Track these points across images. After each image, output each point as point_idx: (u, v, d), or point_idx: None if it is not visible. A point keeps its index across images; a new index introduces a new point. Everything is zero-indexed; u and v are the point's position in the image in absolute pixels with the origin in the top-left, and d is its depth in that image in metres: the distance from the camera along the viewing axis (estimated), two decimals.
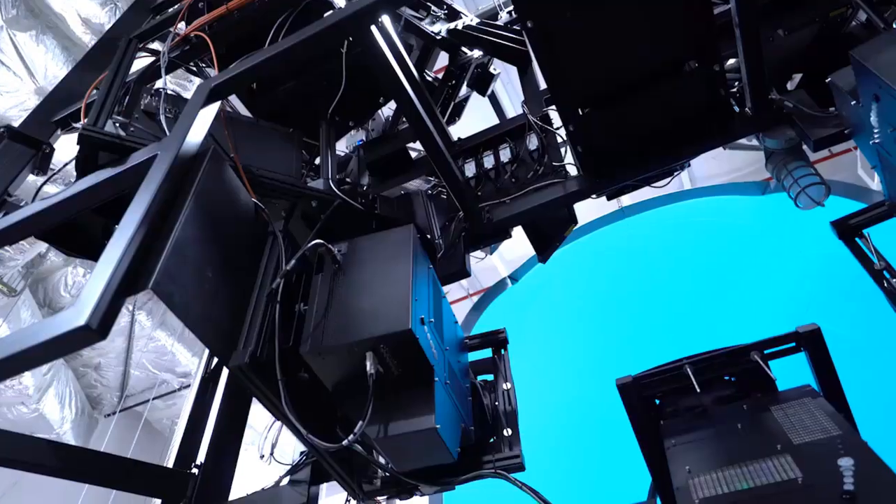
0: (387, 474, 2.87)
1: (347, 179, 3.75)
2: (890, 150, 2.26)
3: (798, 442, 2.02)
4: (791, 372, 2.45)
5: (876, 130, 2.26)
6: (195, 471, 2.95)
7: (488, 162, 3.67)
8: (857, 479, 1.68)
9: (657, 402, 2.69)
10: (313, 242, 2.74)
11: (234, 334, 2.44)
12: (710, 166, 9.45)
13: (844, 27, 3.03)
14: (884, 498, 1.61)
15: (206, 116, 2.56)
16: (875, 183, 6.23)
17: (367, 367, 2.35)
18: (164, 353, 11.22)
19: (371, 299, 2.54)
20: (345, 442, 2.33)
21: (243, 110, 4.01)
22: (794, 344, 2.45)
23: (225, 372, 3.46)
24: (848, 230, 2.74)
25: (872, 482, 1.67)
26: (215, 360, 3.66)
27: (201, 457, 3.00)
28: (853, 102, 2.39)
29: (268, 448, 2.89)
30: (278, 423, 2.91)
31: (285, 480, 2.92)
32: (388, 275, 2.62)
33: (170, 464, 3.20)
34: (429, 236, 3.40)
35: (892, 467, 1.70)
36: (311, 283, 2.76)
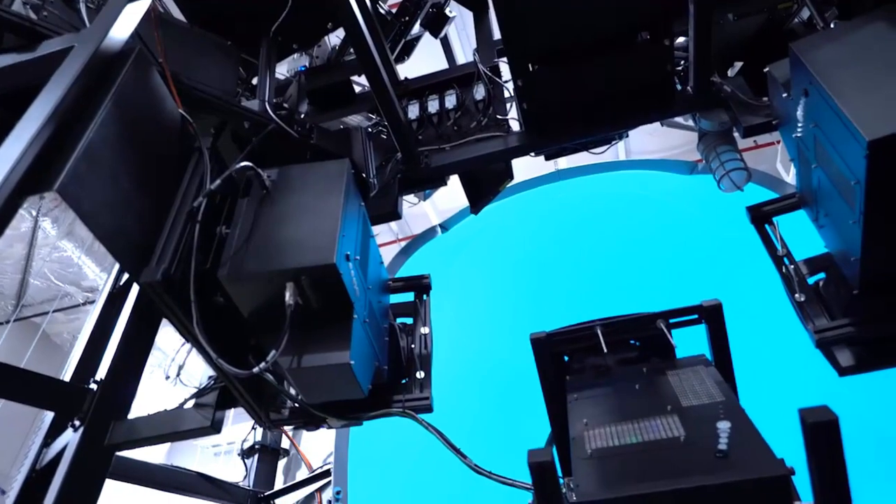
0: (296, 405, 2.88)
1: (285, 105, 3.59)
2: (808, 144, 2.40)
3: (686, 404, 2.18)
4: (694, 341, 2.63)
5: (800, 124, 2.39)
6: (93, 386, 2.84)
7: (432, 106, 3.61)
8: (731, 441, 1.84)
9: (566, 358, 2.81)
10: (242, 164, 2.62)
11: (148, 250, 2.33)
12: (646, 142, 9.76)
13: (788, 22, 3.14)
14: (750, 457, 1.77)
15: (133, 12, 2.35)
16: (790, 176, 6.63)
17: (286, 298, 2.31)
18: (69, 264, 10.59)
19: (297, 230, 2.48)
20: (255, 369, 2.31)
21: (178, 14, 3.71)
22: (696, 316, 2.61)
23: (135, 289, 3.31)
24: (760, 216, 2.90)
25: (743, 443, 1.83)
26: (125, 275, 3.49)
27: (102, 373, 2.89)
28: (784, 95, 2.50)
29: (174, 370, 2.82)
30: (187, 346, 2.84)
31: (190, 403, 2.87)
32: (317, 207, 2.56)
33: (67, 378, 3.07)
34: (364, 175, 3.33)
35: (762, 431, 1.88)
36: (235, 207, 2.66)
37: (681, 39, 3.16)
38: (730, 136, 3.34)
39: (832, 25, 2.71)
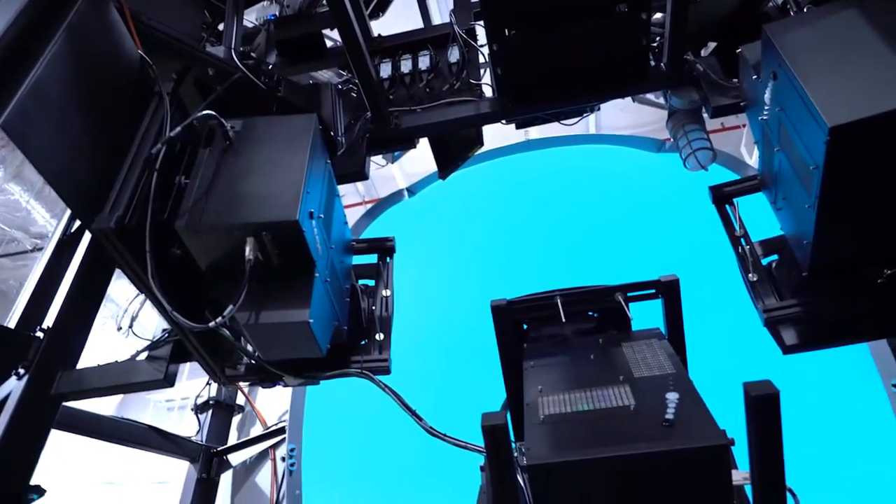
0: (252, 362, 2.85)
1: (252, 54, 3.45)
2: (773, 128, 2.44)
3: (638, 375, 2.24)
4: (650, 314, 2.69)
5: (766, 107, 2.42)
6: (40, 335, 2.75)
7: (405, 66, 3.53)
8: (677, 411, 1.91)
9: (525, 326, 2.85)
10: (205, 113, 2.52)
11: (101, 196, 2.24)
12: (617, 118, 9.81)
13: (764, 5, 3.15)
14: (694, 427, 1.84)
15: None
16: (752, 159, 6.77)
17: (246, 253, 2.27)
18: (16, 208, 10.16)
19: (260, 184, 2.41)
20: (212, 324, 2.27)
21: None
22: (654, 291, 2.67)
23: (87, 237, 3.20)
24: (721, 196, 2.96)
25: (689, 414, 1.90)
26: (77, 222, 3.36)
27: (49, 322, 2.80)
28: (754, 76, 2.53)
29: (127, 321, 2.75)
30: (141, 297, 2.77)
31: (143, 355, 2.81)
32: (282, 161, 2.50)
33: (11, 325, 2.96)
34: (332, 132, 3.26)
35: (709, 403, 1.95)
36: (195, 157, 2.57)
37: (658, 15, 3.15)
38: (699, 116, 3.37)
39: (805, 10, 2.73)
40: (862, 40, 2.04)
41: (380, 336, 3.02)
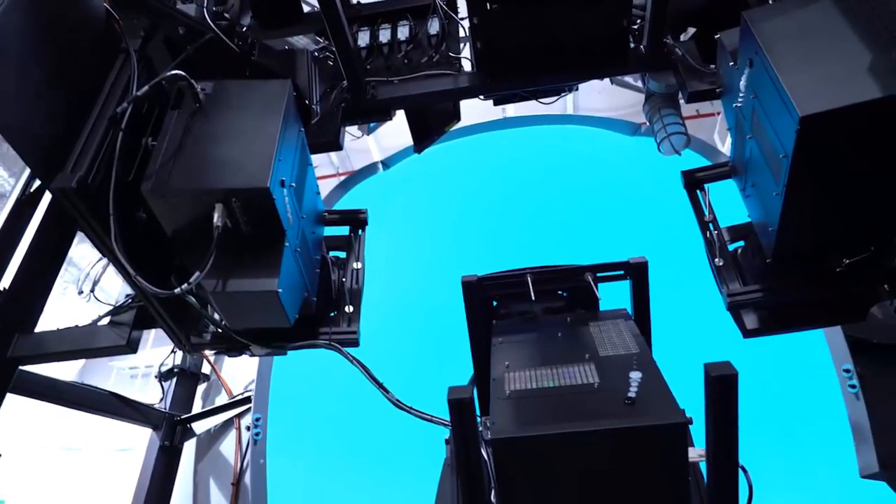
0: (218, 330, 2.82)
1: (226, 14, 3.33)
2: (747, 115, 2.47)
3: (603, 354, 2.29)
4: (618, 295, 2.73)
5: (741, 94, 2.45)
6: None
7: (384, 36, 3.45)
8: (640, 389, 1.95)
9: (494, 303, 2.87)
10: (174, 73, 2.44)
11: (62, 155, 2.16)
12: (595, 99, 9.81)
13: None
14: (655, 405, 1.90)
15: None
16: (725, 147, 6.86)
17: (215, 219, 2.22)
18: None
19: (231, 149, 2.35)
20: (177, 290, 2.23)
21: None
22: (622, 272, 2.71)
23: (48, 197, 3.09)
24: (692, 181, 3.00)
25: (650, 393, 1.95)
26: (37, 181, 3.24)
27: (6, 283, 2.71)
28: (731, 63, 2.55)
29: (88, 284, 2.68)
30: (104, 261, 2.70)
31: (105, 320, 2.75)
32: (254, 127, 2.43)
33: None
34: (306, 101, 3.18)
35: (670, 383, 2.00)
36: (163, 119, 2.48)
37: None
38: (675, 101, 3.39)
39: None
40: (838, 31, 2.07)
41: (349, 308, 3.01)
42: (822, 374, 3.73)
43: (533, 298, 2.71)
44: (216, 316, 2.67)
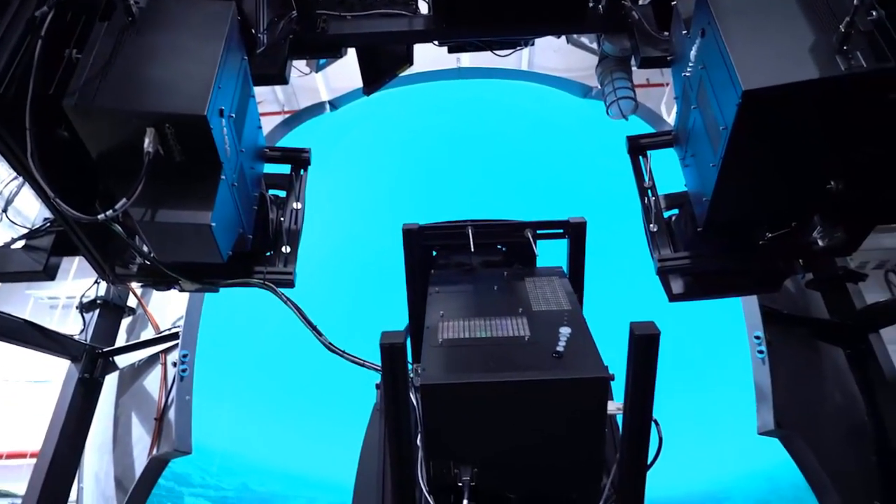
0: (146, 262, 2.70)
1: None
2: (693, 85, 2.51)
3: (536, 309, 2.35)
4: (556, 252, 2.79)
5: (691, 64, 2.48)
6: None
7: None
8: (568, 344, 2.03)
9: (434, 252, 2.88)
10: None
11: None
12: (550, 58, 9.79)
13: None
14: (580, 360, 1.98)
15: None
16: (670, 118, 7.01)
17: (145, 144, 2.09)
18: None
19: (166, 70, 2.20)
20: (101, 216, 2.10)
21: None
22: (561, 230, 2.77)
23: None
24: (636, 147, 3.06)
25: (578, 348, 2.03)
26: None
27: None
28: (684, 31, 2.57)
29: (0, 204, 2.50)
30: (19, 180, 2.51)
31: (20, 244, 2.58)
32: (192, 49, 2.28)
33: None
34: (252, 28, 3.00)
35: (597, 340, 2.08)
36: (90, 30, 2.29)
37: None
38: (627, 65, 3.41)
39: None
40: (791, 9, 2.11)
41: (286, 249, 2.94)
42: (736, 339, 3.98)
43: (472, 251, 2.74)
44: (144, 247, 2.55)
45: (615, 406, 2.02)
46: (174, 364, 3.93)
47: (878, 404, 3.87)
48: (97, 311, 4.56)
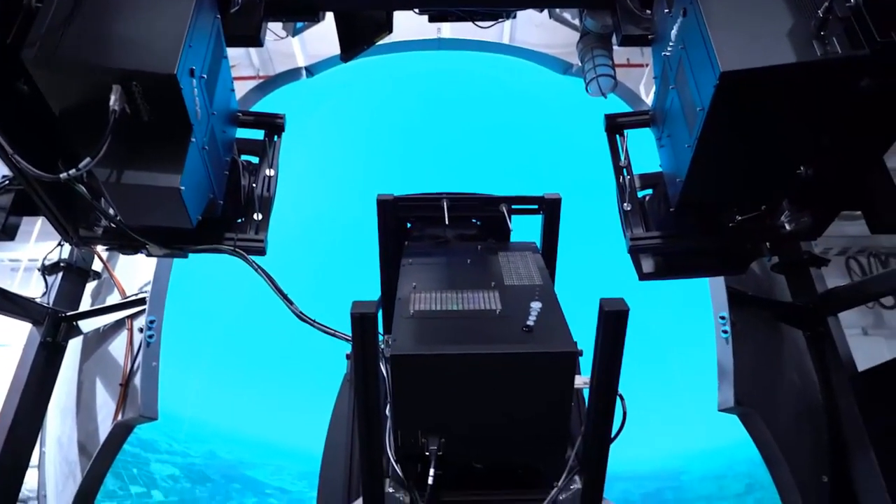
0: (112, 225, 2.63)
1: None
2: (673, 65, 2.52)
3: (508, 283, 2.36)
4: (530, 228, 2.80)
5: (671, 43, 2.48)
6: None
7: None
8: (538, 319, 2.04)
9: (408, 224, 2.86)
10: None
11: None
12: (531, 33, 9.69)
13: None
14: (550, 334, 2.00)
15: None
16: (648, 99, 7.04)
17: (111, 102, 2.01)
18: None
19: (135, 25, 2.11)
20: (63, 175, 2.03)
21: None
22: (536, 206, 2.77)
23: None
24: (613, 125, 3.06)
25: (548, 323, 2.05)
26: None
27: None
28: (666, 10, 2.56)
29: None
30: None
31: None
32: (162, 4, 2.18)
33: None
34: None
35: (568, 317, 2.10)
36: None
37: None
38: (608, 43, 3.39)
39: None
40: None
41: (258, 216, 2.89)
42: (702, 318, 4.07)
43: (447, 224, 2.73)
44: (110, 210, 2.48)
45: (582, 380, 2.05)
46: (140, 330, 3.86)
47: (832, 385, 4.01)
48: (60, 274, 4.44)
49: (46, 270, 4.43)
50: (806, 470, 3.79)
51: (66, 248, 4.50)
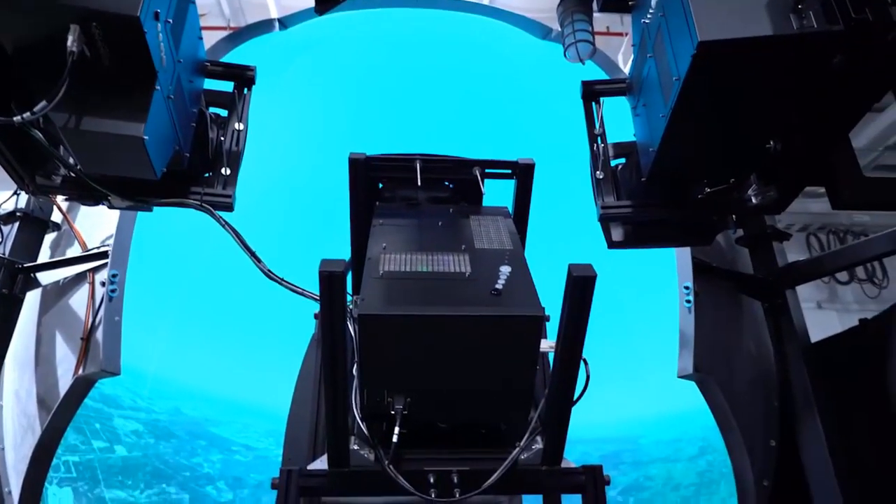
0: (72, 174, 2.53)
1: None
2: (651, 33, 2.50)
3: (479, 247, 2.36)
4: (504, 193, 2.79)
5: (651, 11, 2.46)
6: None
7: None
8: (507, 283, 2.06)
9: (380, 185, 2.83)
10: None
11: None
12: None
13: None
14: (518, 298, 2.02)
15: None
16: (626, 67, 7.02)
17: (69, 43, 1.91)
18: None
19: None
20: (16, 119, 1.94)
21: None
22: (510, 171, 2.76)
23: None
24: (590, 93, 3.05)
25: (516, 287, 2.07)
26: None
27: None
28: None
29: None
30: None
31: None
32: None
33: None
34: None
35: (537, 281, 2.12)
36: None
37: None
38: (589, 9, 3.34)
39: None
40: None
41: (226, 171, 2.82)
42: (666, 287, 4.16)
43: (419, 185, 2.70)
44: (70, 159, 2.39)
45: (548, 344, 2.09)
46: (102, 284, 3.76)
47: (786, 355, 4.17)
48: (17, 224, 4.28)
49: (2, 220, 4.27)
50: (756, 434, 3.96)
51: (24, 196, 4.34)
